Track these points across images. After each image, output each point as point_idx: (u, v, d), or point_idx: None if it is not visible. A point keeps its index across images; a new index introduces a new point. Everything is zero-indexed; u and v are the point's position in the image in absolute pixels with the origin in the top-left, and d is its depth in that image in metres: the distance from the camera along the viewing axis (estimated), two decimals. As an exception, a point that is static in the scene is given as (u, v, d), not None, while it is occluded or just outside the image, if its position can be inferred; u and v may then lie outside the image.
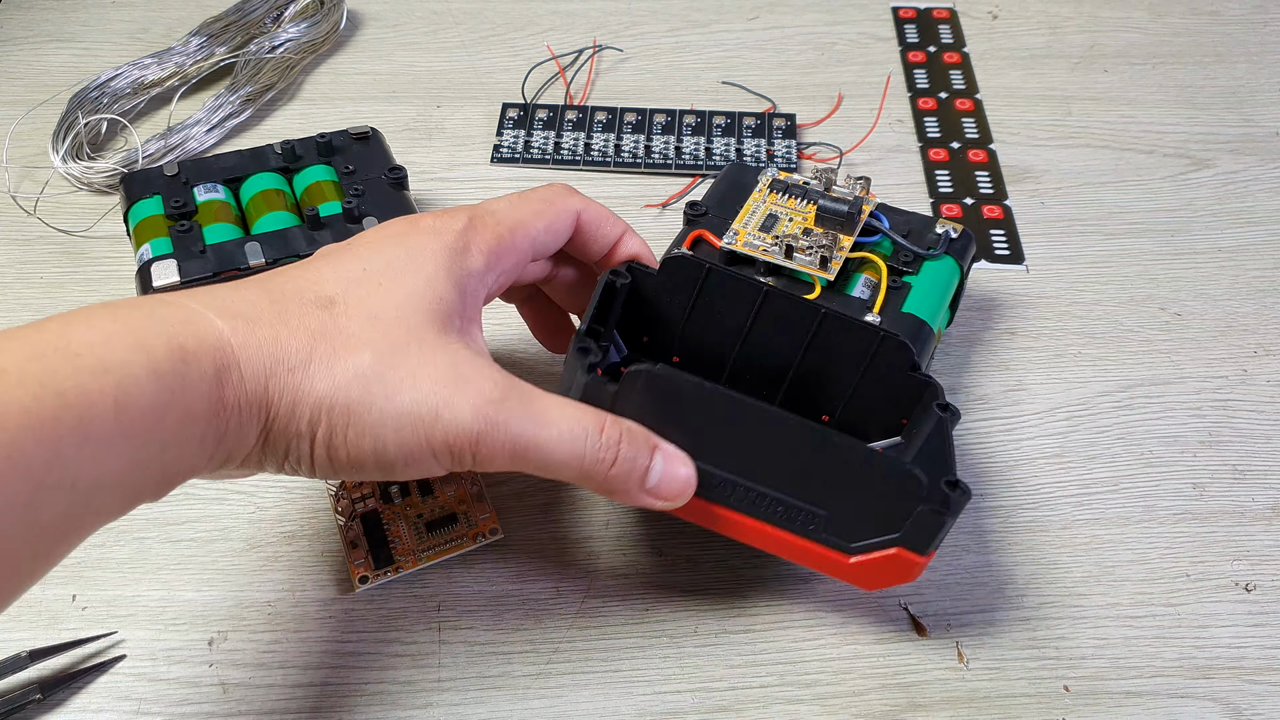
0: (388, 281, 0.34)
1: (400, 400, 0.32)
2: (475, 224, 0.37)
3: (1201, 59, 0.68)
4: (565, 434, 0.33)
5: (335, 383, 0.32)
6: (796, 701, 0.39)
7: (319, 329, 0.33)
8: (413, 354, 0.33)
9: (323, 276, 0.34)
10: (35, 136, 0.60)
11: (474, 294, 0.36)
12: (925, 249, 0.47)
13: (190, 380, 0.30)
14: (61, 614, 0.41)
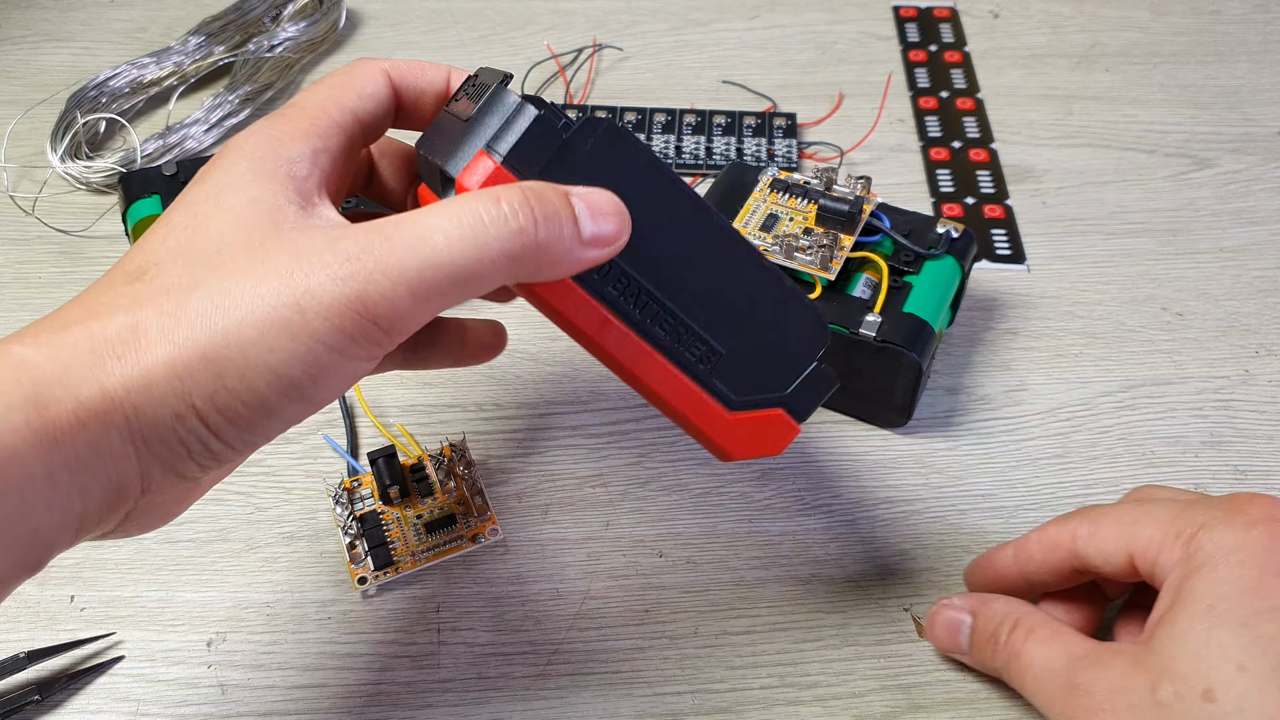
0: (195, 220, 0.29)
1: (253, 316, 0.27)
2: (272, 119, 0.32)
3: (1203, 58, 0.68)
4: (457, 231, 0.28)
5: (178, 341, 0.27)
6: (797, 703, 0.39)
7: (135, 300, 0.28)
8: (244, 266, 0.28)
9: (128, 255, 0.30)
10: (34, 136, 0.60)
11: (301, 177, 0.31)
12: (926, 249, 0.47)
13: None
14: (60, 615, 0.41)
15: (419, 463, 0.45)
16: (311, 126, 0.32)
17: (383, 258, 0.27)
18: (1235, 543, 0.32)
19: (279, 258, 0.28)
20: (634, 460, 0.46)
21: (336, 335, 0.27)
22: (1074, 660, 0.34)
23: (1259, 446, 0.47)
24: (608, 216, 0.30)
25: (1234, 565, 0.32)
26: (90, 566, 0.42)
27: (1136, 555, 0.35)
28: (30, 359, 0.26)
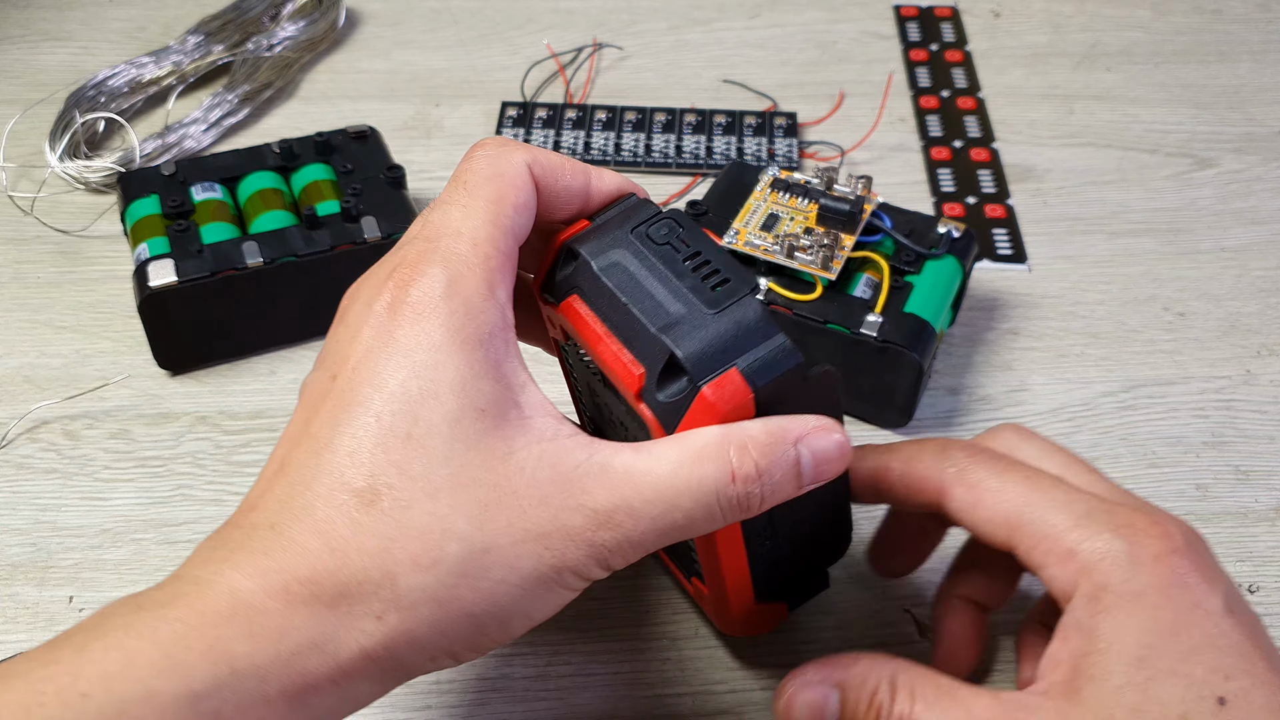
0: (415, 427, 0.27)
1: (516, 576, 0.28)
2: (453, 271, 0.29)
3: (1204, 58, 0.68)
4: (698, 508, 0.28)
5: (442, 600, 0.27)
6: (798, 704, 0.39)
7: (382, 543, 0.27)
8: (495, 517, 0.27)
9: (346, 459, 0.27)
10: (32, 135, 0.60)
11: (500, 358, 0.29)
12: (927, 248, 0.47)
13: (245, 694, 0.24)
14: (59, 615, 0.41)
15: (418, 463, 0.45)
16: (492, 270, 0.29)
17: (630, 531, 0.28)
18: (1144, 584, 0.30)
19: (532, 511, 0.28)
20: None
21: (578, 581, 0.29)
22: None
23: (1261, 447, 0.47)
24: (832, 463, 0.30)
25: (1148, 608, 0.29)
26: (89, 567, 0.42)
27: (1021, 548, 0.32)
28: (283, 620, 0.26)
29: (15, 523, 0.44)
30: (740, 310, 0.30)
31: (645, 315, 0.30)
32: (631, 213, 0.32)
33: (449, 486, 0.27)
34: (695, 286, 0.30)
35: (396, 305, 0.29)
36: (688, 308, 0.30)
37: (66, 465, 0.46)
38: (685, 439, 0.29)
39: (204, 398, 0.48)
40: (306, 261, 0.47)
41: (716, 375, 0.29)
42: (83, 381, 0.49)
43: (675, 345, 0.29)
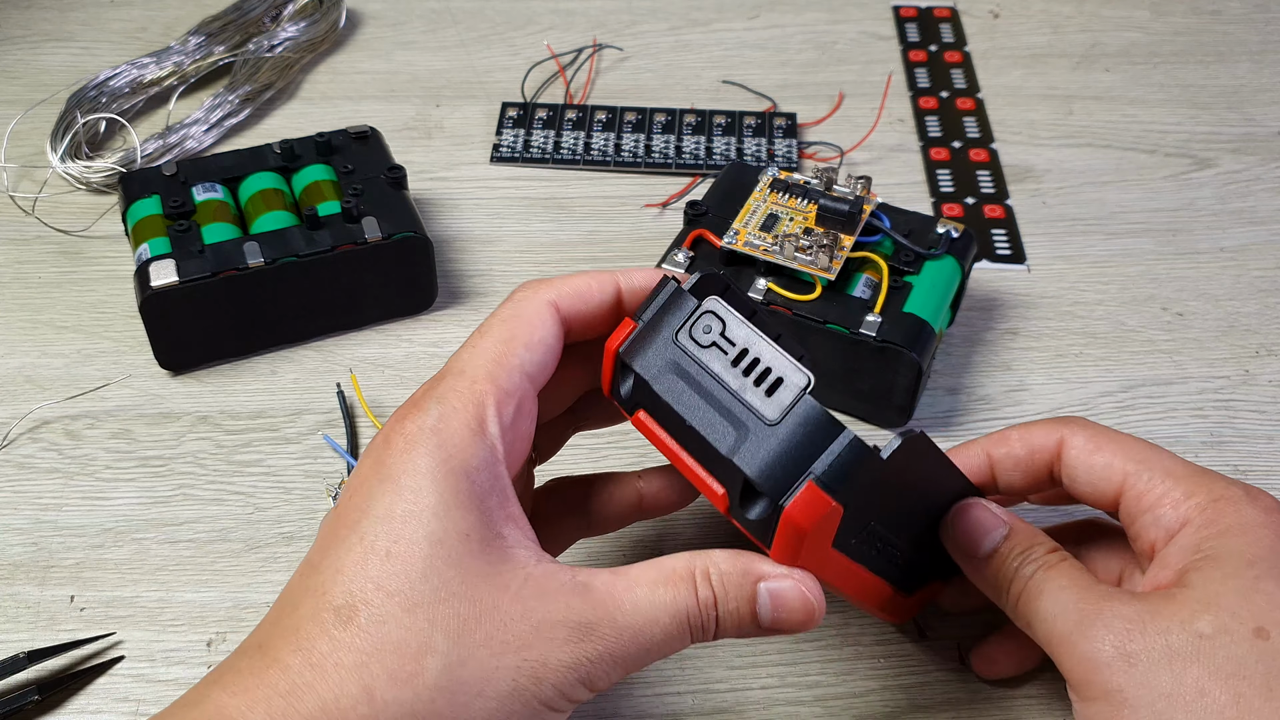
0: (396, 546, 0.29)
1: (493, 688, 0.28)
2: (446, 407, 0.30)
3: (1203, 58, 0.68)
4: (673, 626, 0.30)
5: (419, 713, 0.28)
6: (798, 703, 0.39)
7: (360, 657, 0.28)
8: (476, 629, 0.28)
9: (326, 579, 0.29)
10: (33, 136, 0.60)
11: (490, 486, 0.30)
12: (926, 249, 0.47)
13: None
14: (60, 615, 0.41)
15: (419, 463, 0.45)
16: (481, 408, 0.31)
17: (614, 645, 0.29)
18: (1260, 519, 0.33)
19: (513, 626, 0.29)
20: (633, 462, 0.46)
21: (562, 702, 0.29)
22: (1091, 591, 0.33)
23: (1259, 447, 0.47)
24: (793, 612, 0.31)
25: (1264, 536, 0.32)
26: (90, 567, 0.42)
27: (1130, 494, 0.34)
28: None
29: (17, 522, 0.44)
30: (800, 415, 0.30)
31: (711, 437, 0.31)
32: (671, 309, 0.32)
33: (428, 602, 0.28)
34: (752, 395, 0.30)
35: (391, 437, 0.30)
36: (750, 423, 0.30)
37: (68, 465, 0.46)
38: (659, 563, 0.31)
39: (205, 397, 0.48)
40: (307, 262, 0.48)
41: (795, 492, 0.29)
42: (84, 381, 0.49)
43: (747, 468, 0.30)
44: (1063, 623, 0.32)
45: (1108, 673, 0.31)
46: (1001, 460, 0.37)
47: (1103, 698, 0.31)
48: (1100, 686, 0.31)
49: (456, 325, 0.52)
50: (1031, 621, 0.33)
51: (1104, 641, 0.31)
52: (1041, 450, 0.36)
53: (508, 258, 0.55)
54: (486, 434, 0.30)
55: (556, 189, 0.59)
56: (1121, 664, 0.31)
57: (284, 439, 0.47)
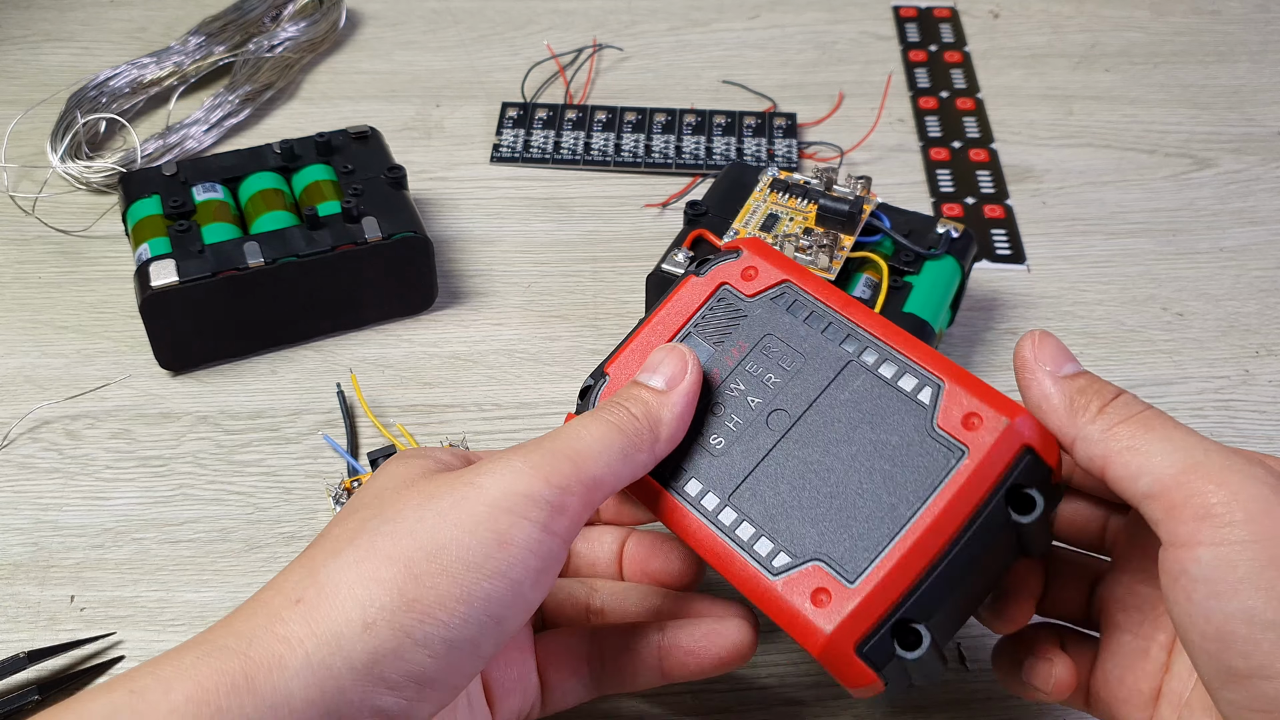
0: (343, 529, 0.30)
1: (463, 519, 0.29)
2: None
3: (1203, 58, 0.68)
4: (600, 431, 0.32)
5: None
6: (797, 703, 0.39)
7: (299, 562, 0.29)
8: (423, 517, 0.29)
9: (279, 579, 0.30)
10: (34, 136, 0.60)
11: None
12: (926, 248, 0.47)
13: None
14: (60, 615, 0.41)
15: (419, 463, 0.45)
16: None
17: (551, 444, 0.31)
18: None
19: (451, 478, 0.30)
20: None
21: (520, 502, 0.29)
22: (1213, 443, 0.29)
23: (1259, 447, 0.47)
24: (671, 365, 0.33)
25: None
26: (90, 566, 0.42)
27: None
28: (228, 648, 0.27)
29: (17, 522, 0.44)
30: None
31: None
32: None
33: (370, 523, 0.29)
34: None
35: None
36: None
37: (68, 465, 0.46)
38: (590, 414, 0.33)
39: (205, 397, 0.48)
40: (307, 262, 0.48)
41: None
42: (84, 381, 0.49)
43: None
44: (1199, 452, 0.28)
45: (1265, 517, 0.26)
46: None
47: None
48: (1252, 524, 0.26)
49: (456, 325, 0.52)
50: (1139, 446, 0.29)
51: (1258, 480, 0.27)
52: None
53: (508, 258, 0.55)
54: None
55: (556, 189, 0.59)
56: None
57: (284, 439, 0.47)
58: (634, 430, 0.32)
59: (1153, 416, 0.30)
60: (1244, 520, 0.26)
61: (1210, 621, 0.26)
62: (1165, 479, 0.28)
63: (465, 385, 0.49)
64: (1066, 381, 0.31)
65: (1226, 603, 0.26)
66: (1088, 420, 0.30)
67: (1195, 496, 0.27)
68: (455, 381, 0.49)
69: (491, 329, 0.52)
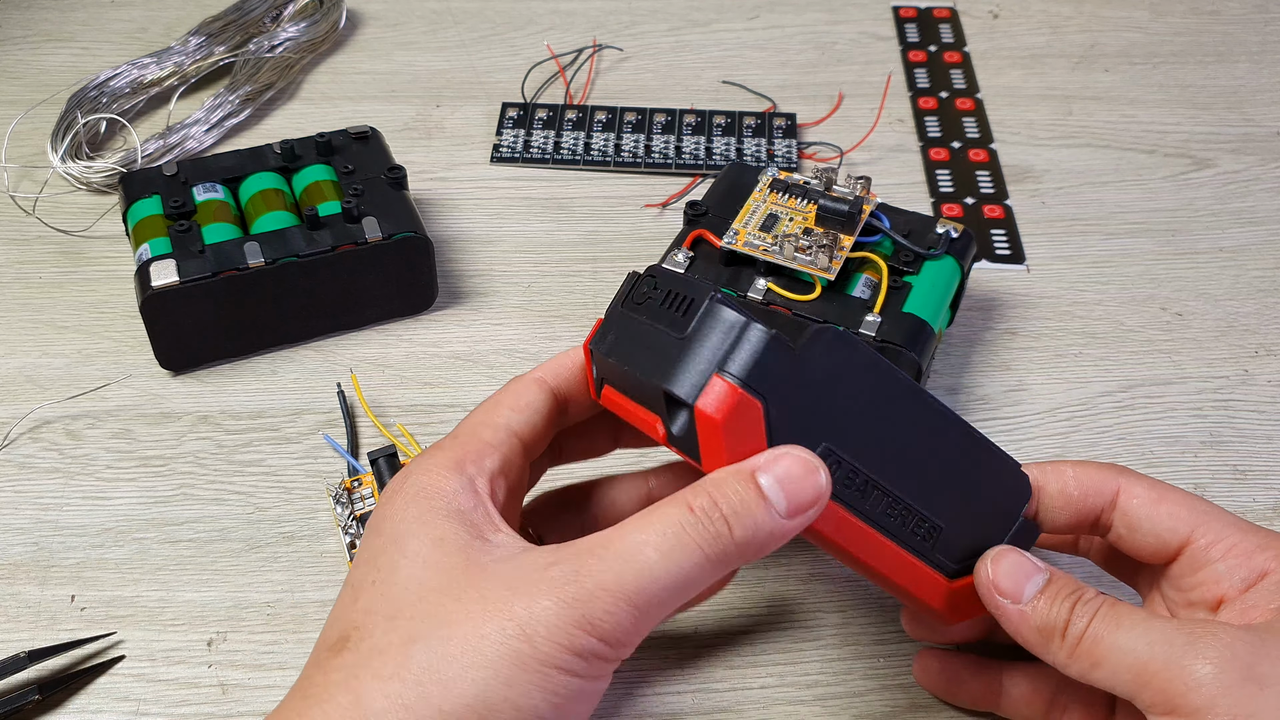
0: (381, 573, 0.30)
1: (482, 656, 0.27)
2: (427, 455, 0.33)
3: (1203, 58, 0.68)
4: (665, 544, 0.28)
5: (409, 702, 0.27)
6: (797, 702, 0.39)
7: (348, 674, 0.28)
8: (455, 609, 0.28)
9: (326, 627, 0.31)
10: (34, 136, 0.60)
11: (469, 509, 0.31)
12: (926, 249, 0.47)
13: None
14: (60, 614, 0.41)
15: (419, 463, 0.45)
16: (463, 454, 0.32)
17: (600, 575, 0.28)
18: None
19: (493, 593, 0.28)
20: (633, 462, 0.46)
21: (568, 657, 0.28)
22: (1182, 620, 0.31)
23: (1258, 446, 0.47)
24: (801, 484, 0.30)
25: None
26: (91, 566, 0.42)
27: (1198, 544, 0.33)
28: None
29: (17, 522, 0.44)
30: (705, 320, 0.30)
31: (644, 373, 0.31)
32: (623, 290, 0.33)
33: (409, 602, 0.29)
34: (670, 322, 0.31)
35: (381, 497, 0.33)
36: (667, 343, 0.30)
37: (68, 465, 0.46)
38: (643, 512, 0.30)
39: (205, 397, 0.48)
40: (308, 262, 0.48)
41: (704, 389, 0.29)
42: (84, 381, 0.49)
43: (665, 382, 0.30)
44: (1164, 648, 0.30)
45: (1234, 697, 0.29)
46: (1053, 496, 0.36)
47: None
48: (1225, 712, 0.29)
49: (456, 325, 0.52)
50: (1106, 657, 0.31)
51: (1225, 665, 0.29)
52: (1096, 494, 0.35)
53: (507, 258, 0.55)
54: (464, 472, 0.32)
55: (556, 189, 0.59)
56: (1251, 687, 0.29)
57: (284, 439, 0.47)
58: (723, 555, 0.29)
59: (1106, 620, 0.32)
60: (1206, 711, 0.29)
61: None
62: (1136, 683, 0.30)
63: (465, 385, 0.49)
64: (1030, 612, 0.33)
65: None
66: (1057, 649, 0.32)
67: (1160, 693, 0.30)
68: (455, 381, 0.49)
69: (491, 329, 0.52)
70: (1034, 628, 0.33)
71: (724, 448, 0.30)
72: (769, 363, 0.29)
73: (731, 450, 0.30)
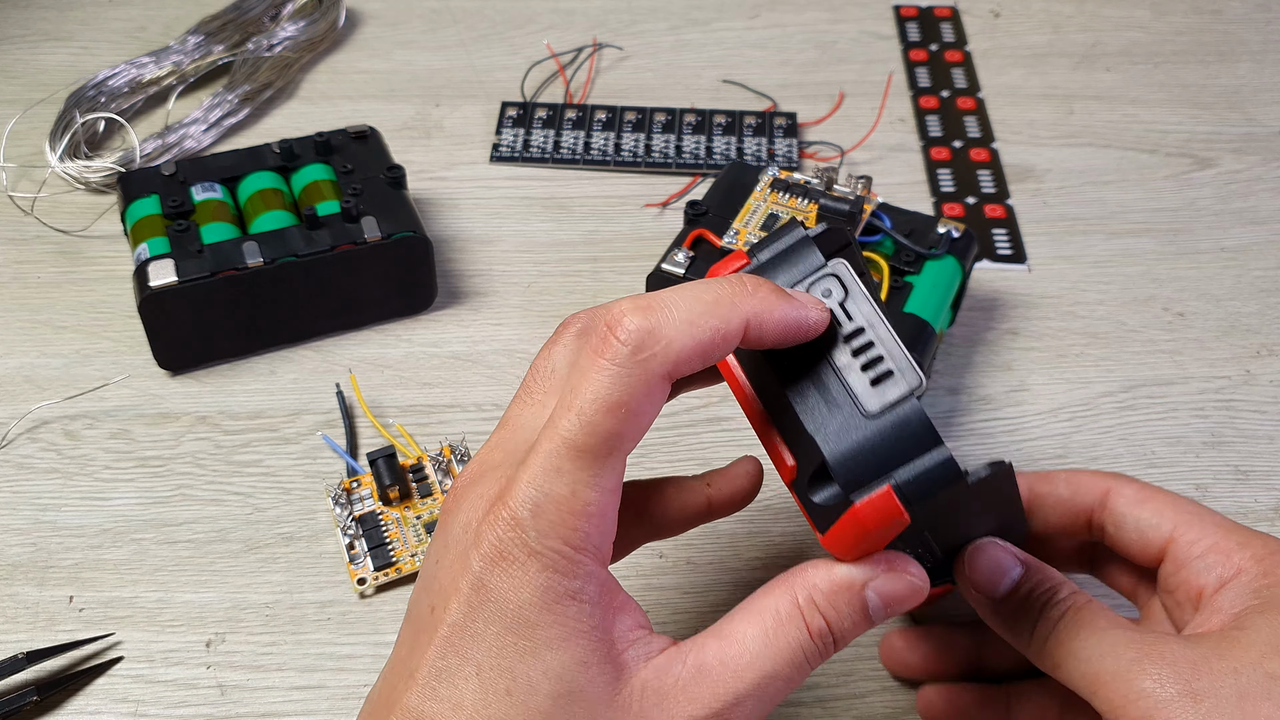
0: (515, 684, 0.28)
1: None
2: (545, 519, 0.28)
3: (1204, 58, 0.68)
4: (787, 674, 0.29)
5: None
6: (798, 704, 0.39)
7: None
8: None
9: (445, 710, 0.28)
10: (32, 135, 0.60)
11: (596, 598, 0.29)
12: (927, 248, 0.47)
13: None
14: (59, 615, 0.41)
15: (418, 463, 0.45)
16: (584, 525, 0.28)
17: (739, 714, 0.29)
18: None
19: (653, 714, 0.28)
20: (633, 461, 0.46)
21: None
22: (1138, 631, 0.32)
23: (1260, 447, 0.47)
24: (903, 601, 0.30)
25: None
26: (89, 567, 0.42)
27: (1180, 541, 0.34)
28: None
29: (15, 522, 0.44)
30: (901, 416, 0.28)
31: (800, 407, 0.29)
32: (792, 257, 0.30)
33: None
34: (855, 379, 0.28)
35: (486, 550, 0.28)
36: (845, 405, 0.28)
37: (67, 465, 0.46)
38: (756, 609, 0.30)
39: (204, 398, 0.48)
40: (307, 261, 0.47)
41: (870, 491, 0.28)
42: (83, 381, 0.49)
43: (827, 451, 0.28)
44: (1112, 660, 0.31)
45: (1170, 710, 0.30)
46: (1044, 498, 0.37)
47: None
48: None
49: (456, 325, 0.52)
50: (1064, 660, 0.32)
51: (1165, 679, 0.30)
52: (1086, 494, 0.36)
53: (507, 257, 0.55)
54: (590, 547, 0.28)
55: (556, 189, 0.59)
56: (1187, 702, 0.30)
57: (283, 439, 0.47)
58: (809, 657, 0.30)
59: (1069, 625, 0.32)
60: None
61: None
62: (1089, 690, 0.31)
63: (465, 385, 0.49)
64: (1004, 609, 0.34)
65: None
66: (1026, 644, 0.33)
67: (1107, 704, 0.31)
68: (455, 381, 0.49)
69: (491, 329, 0.52)
70: (1003, 622, 0.34)
71: (856, 547, 0.29)
72: (939, 493, 0.28)
73: (860, 549, 0.29)
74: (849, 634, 0.30)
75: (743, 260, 0.31)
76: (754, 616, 0.30)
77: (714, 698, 0.29)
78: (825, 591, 0.30)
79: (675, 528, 0.37)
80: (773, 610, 0.30)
